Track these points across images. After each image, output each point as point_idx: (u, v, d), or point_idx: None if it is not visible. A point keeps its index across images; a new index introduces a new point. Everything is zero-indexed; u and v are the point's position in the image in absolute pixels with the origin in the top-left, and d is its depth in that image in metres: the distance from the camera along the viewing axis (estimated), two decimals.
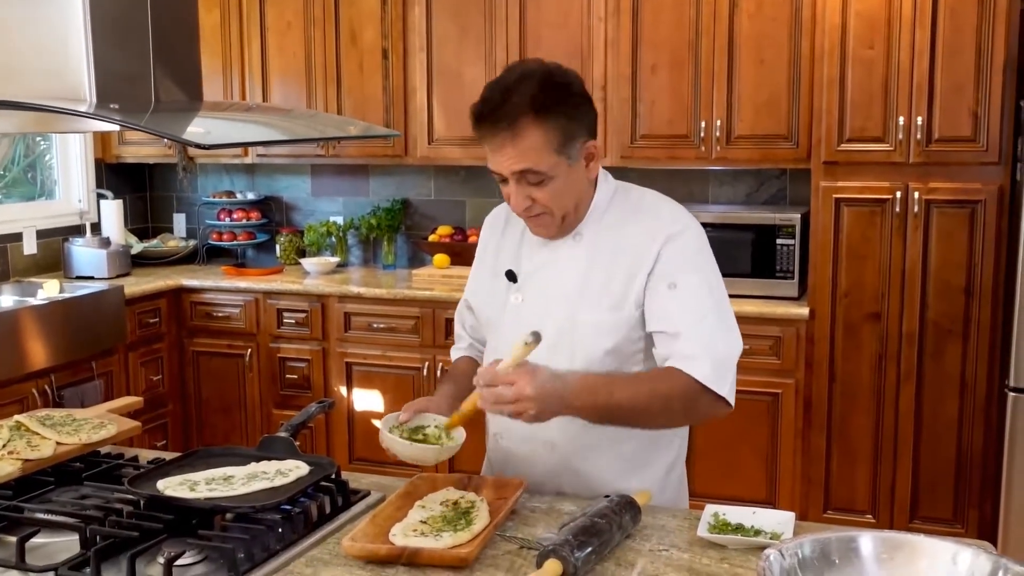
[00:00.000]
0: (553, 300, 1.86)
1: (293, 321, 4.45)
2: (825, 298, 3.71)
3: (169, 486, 1.75)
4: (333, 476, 1.85)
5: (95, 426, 2.09)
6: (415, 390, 4.22)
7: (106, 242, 4.63)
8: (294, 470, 1.84)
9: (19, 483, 1.87)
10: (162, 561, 1.51)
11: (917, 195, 3.57)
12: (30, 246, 4.63)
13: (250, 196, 5.10)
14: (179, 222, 5.33)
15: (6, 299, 4.09)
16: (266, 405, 4.54)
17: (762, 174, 4.28)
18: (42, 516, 1.73)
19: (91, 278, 4.52)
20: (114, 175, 5.12)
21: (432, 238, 4.69)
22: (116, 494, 1.83)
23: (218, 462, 1.89)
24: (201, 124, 1.95)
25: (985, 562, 1.30)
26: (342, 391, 4.38)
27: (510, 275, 1.94)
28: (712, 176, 4.38)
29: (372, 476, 2.01)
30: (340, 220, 4.95)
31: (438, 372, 4.14)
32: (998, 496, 3.51)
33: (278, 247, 4.99)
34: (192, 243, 5.15)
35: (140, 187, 5.33)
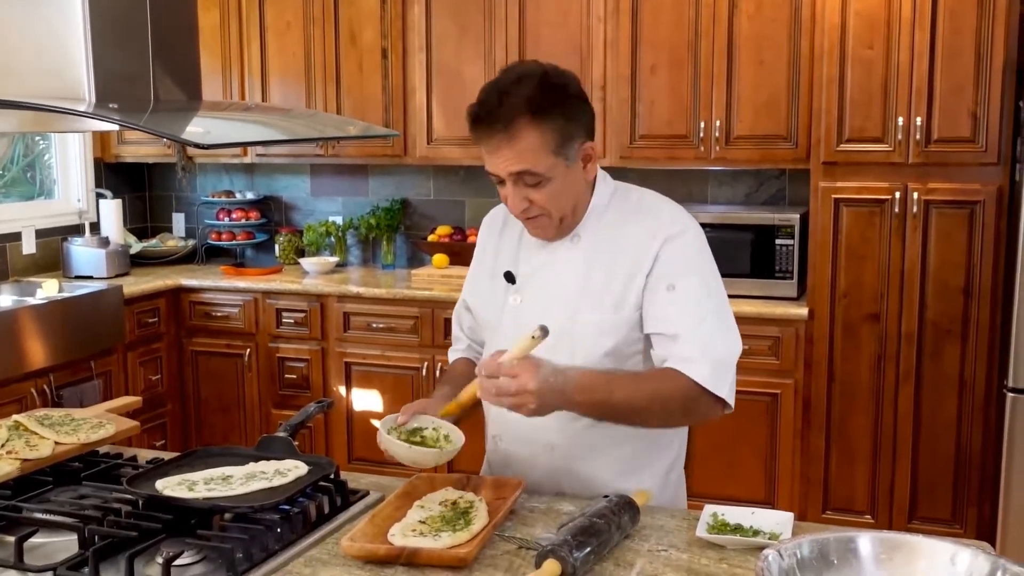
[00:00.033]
0: (552, 301, 1.86)
1: (292, 321, 4.45)
2: (824, 298, 3.71)
3: (168, 486, 1.75)
4: (332, 476, 1.85)
5: (94, 426, 2.09)
6: (414, 390, 4.22)
7: (105, 242, 4.63)
8: (293, 470, 1.83)
9: (18, 483, 1.87)
10: (161, 561, 1.51)
11: (916, 196, 3.57)
12: (29, 246, 4.63)
13: (249, 196, 5.10)
14: (178, 222, 5.33)
15: (5, 299, 4.09)
16: (265, 405, 4.54)
17: (761, 174, 4.28)
18: (41, 516, 1.73)
19: (90, 278, 4.51)
20: (113, 175, 5.12)
21: (431, 238, 4.69)
22: (115, 494, 1.83)
23: (217, 462, 1.89)
24: (200, 124, 1.95)
25: (984, 562, 1.30)
26: (341, 391, 4.38)
27: (508, 277, 1.93)
28: (711, 176, 4.38)
29: (371, 476, 2.01)
30: (339, 220, 4.95)
31: (437, 372, 4.14)
32: (997, 496, 3.51)
33: (277, 247, 4.99)
34: (191, 243, 5.15)
35: (139, 187, 5.33)
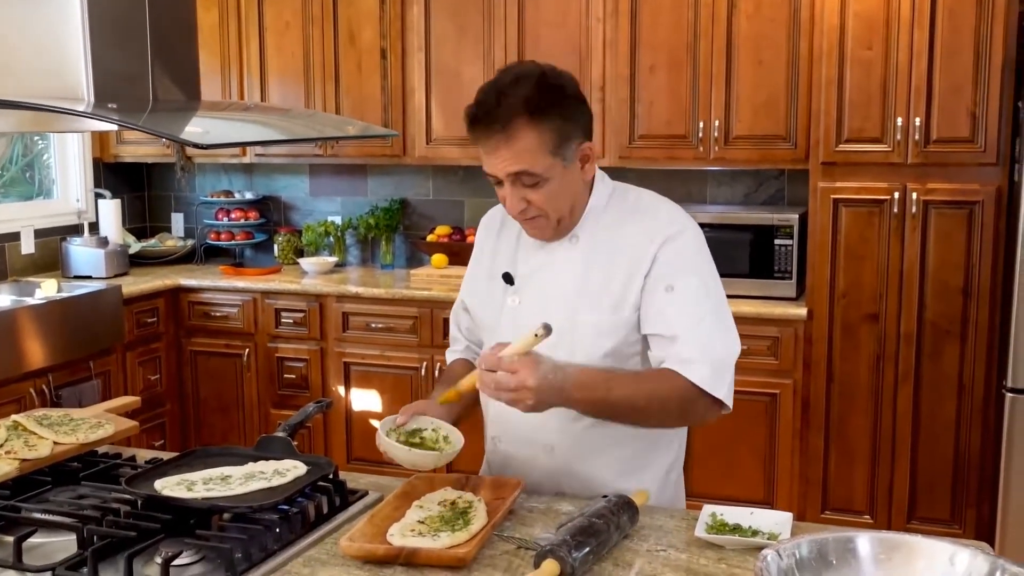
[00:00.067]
0: (551, 302, 1.85)
1: (291, 321, 4.45)
2: (823, 298, 3.71)
3: (167, 486, 1.75)
4: (331, 476, 1.85)
5: (92, 426, 2.09)
6: (413, 390, 4.22)
7: (104, 241, 4.62)
8: (292, 470, 1.83)
9: (16, 483, 1.86)
10: (159, 561, 1.50)
11: (915, 196, 3.57)
12: (28, 245, 4.63)
13: (248, 196, 5.10)
14: (177, 222, 5.33)
15: (4, 299, 4.09)
16: (264, 405, 4.54)
17: (760, 175, 4.29)
18: (39, 516, 1.73)
19: (89, 277, 4.51)
20: (112, 174, 5.12)
21: (430, 238, 4.69)
22: (113, 494, 1.83)
23: (216, 462, 1.89)
24: (199, 124, 1.95)
25: (982, 563, 1.30)
26: (340, 391, 4.38)
27: (507, 278, 1.93)
28: (710, 176, 4.38)
29: (370, 476, 2.00)
30: (338, 220, 4.95)
31: (436, 372, 4.14)
32: (996, 497, 3.51)
33: (276, 247, 4.99)
34: (190, 243, 5.15)
35: (138, 186, 5.33)
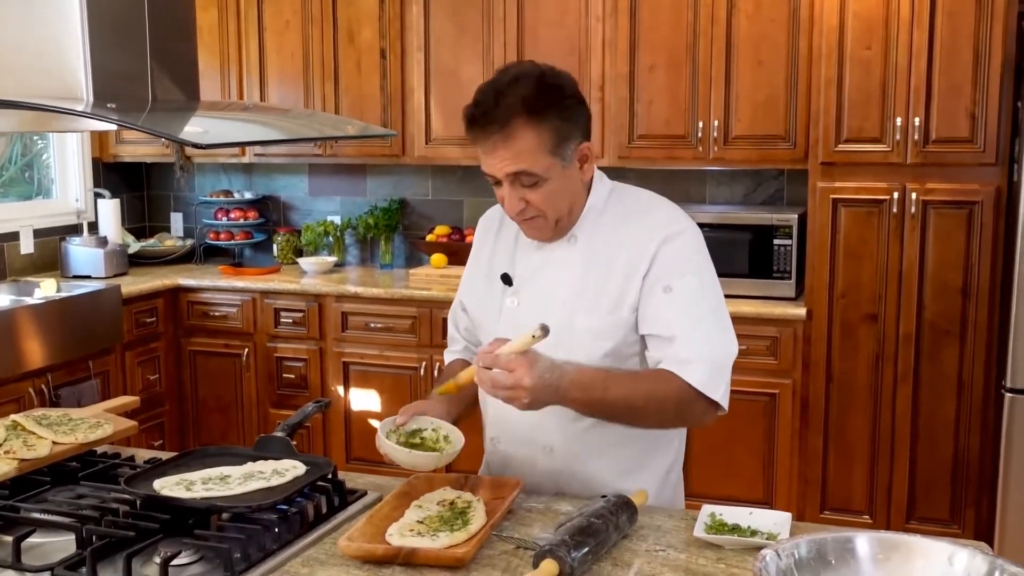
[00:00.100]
0: (550, 304, 1.85)
1: (290, 321, 4.45)
2: (822, 299, 3.71)
3: (165, 486, 1.75)
4: (330, 476, 1.85)
5: (91, 426, 2.09)
6: (412, 390, 4.22)
7: (103, 241, 4.62)
8: (291, 470, 1.83)
9: (15, 482, 1.86)
10: (158, 561, 1.51)
11: (914, 196, 3.57)
12: (27, 245, 4.63)
13: (247, 195, 5.10)
14: (176, 221, 5.33)
15: (3, 298, 4.09)
16: (263, 405, 4.53)
17: (759, 174, 4.28)
18: (38, 516, 1.73)
19: (88, 277, 4.51)
20: (111, 174, 5.11)
21: (429, 238, 4.69)
22: (112, 494, 1.83)
23: (214, 462, 1.88)
24: (198, 123, 1.95)
25: (981, 563, 1.30)
26: (339, 391, 4.38)
27: (505, 279, 1.93)
28: (709, 176, 4.38)
29: (369, 476, 2.00)
30: (337, 220, 4.95)
31: (435, 372, 4.14)
32: (995, 497, 3.51)
33: (275, 246, 4.99)
34: (189, 242, 5.15)
35: (137, 186, 5.32)
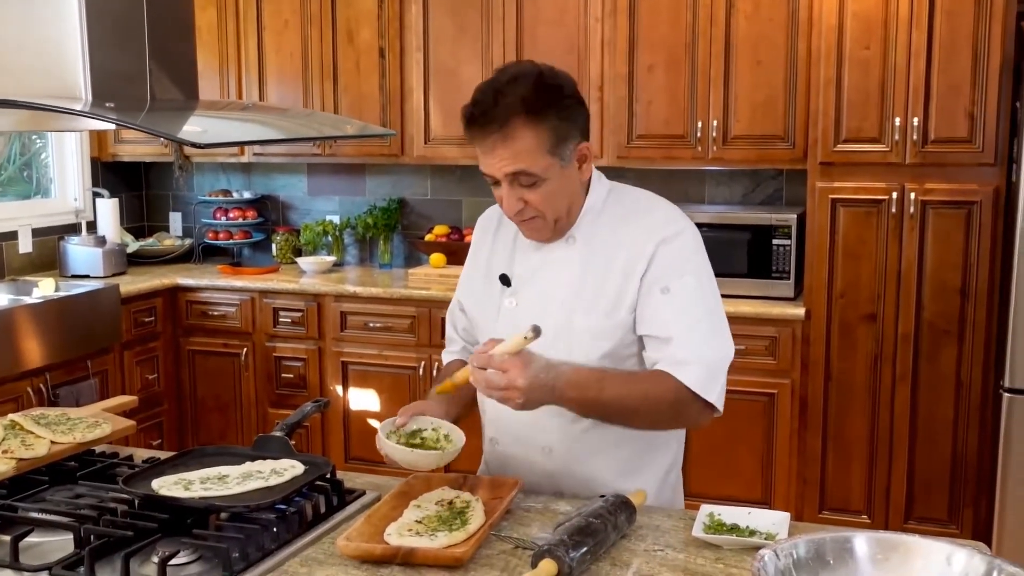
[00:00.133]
0: (548, 304, 1.85)
1: (289, 320, 4.45)
2: (821, 299, 3.71)
3: (164, 485, 1.74)
4: (328, 475, 1.85)
5: (90, 425, 2.09)
6: (411, 389, 4.22)
7: (102, 241, 4.62)
8: (289, 469, 1.83)
9: (13, 482, 1.86)
10: (156, 561, 1.50)
11: (913, 196, 3.57)
12: (25, 244, 4.62)
13: (246, 195, 5.09)
14: (175, 221, 5.33)
15: (1, 298, 4.08)
16: (262, 404, 4.53)
17: (758, 174, 4.29)
18: (36, 515, 1.72)
19: (87, 277, 4.51)
20: (110, 173, 5.11)
21: (428, 237, 4.68)
22: (110, 493, 1.83)
23: (213, 461, 1.88)
24: (197, 123, 1.95)
25: (980, 563, 1.30)
26: (338, 390, 4.38)
27: (504, 279, 1.92)
28: (708, 176, 4.38)
29: (367, 476, 2.00)
30: (336, 219, 4.95)
31: (434, 371, 4.13)
32: (993, 497, 3.51)
33: (274, 246, 4.99)
34: (188, 242, 5.14)
35: (136, 186, 5.32)
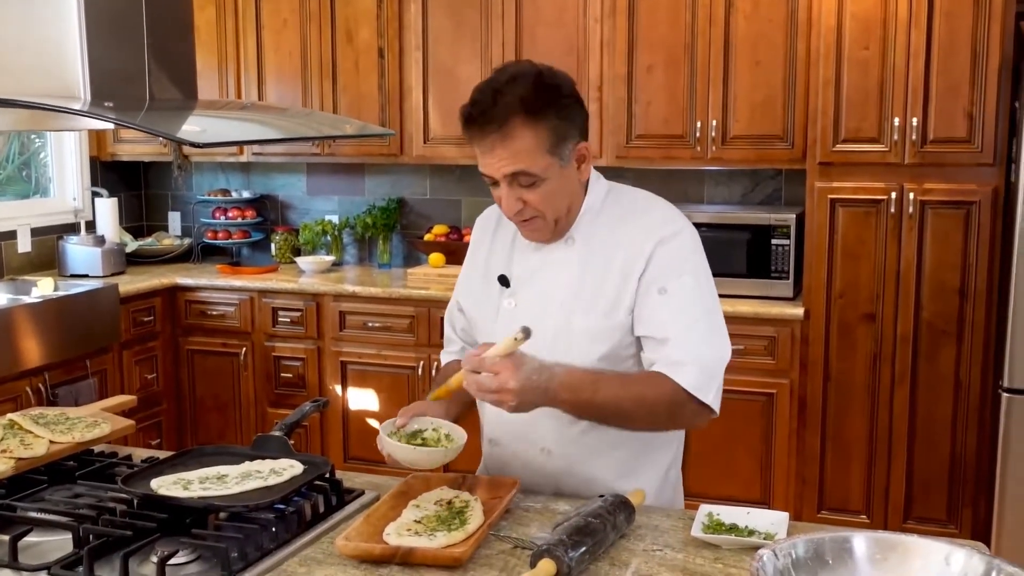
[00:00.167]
0: (547, 305, 1.85)
1: (288, 320, 4.44)
2: (820, 298, 3.71)
3: (163, 485, 1.74)
4: (327, 475, 1.85)
5: (88, 425, 2.09)
6: (410, 389, 4.22)
7: (101, 240, 4.62)
8: (288, 469, 1.83)
9: (12, 482, 1.86)
10: (155, 560, 1.50)
11: (912, 196, 3.57)
12: (24, 244, 4.62)
13: (245, 195, 5.09)
14: (174, 220, 5.32)
15: (0, 297, 4.08)
16: (261, 404, 4.53)
17: (757, 174, 4.29)
18: (35, 515, 1.72)
19: (85, 276, 4.50)
20: (109, 173, 5.11)
21: (427, 237, 4.68)
22: (109, 493, 1.83)
23: (212, 461, 1.88)
24: (196, 122, 1.95)
25: (978, 563, 1.31)
26: (337, 390, 4.38)
27: (502, 280, 1.92)
28: (708, 176, 4.38)
29: (366, 475, 2.00)
30: (335, 219, 4.95)
31: (433, 371, 4.13)
32: (992, 497, 3.51)
33: (273, 246, 4.99)
34: (187, 241, 5.14)
35: (135, 185, 5.32)
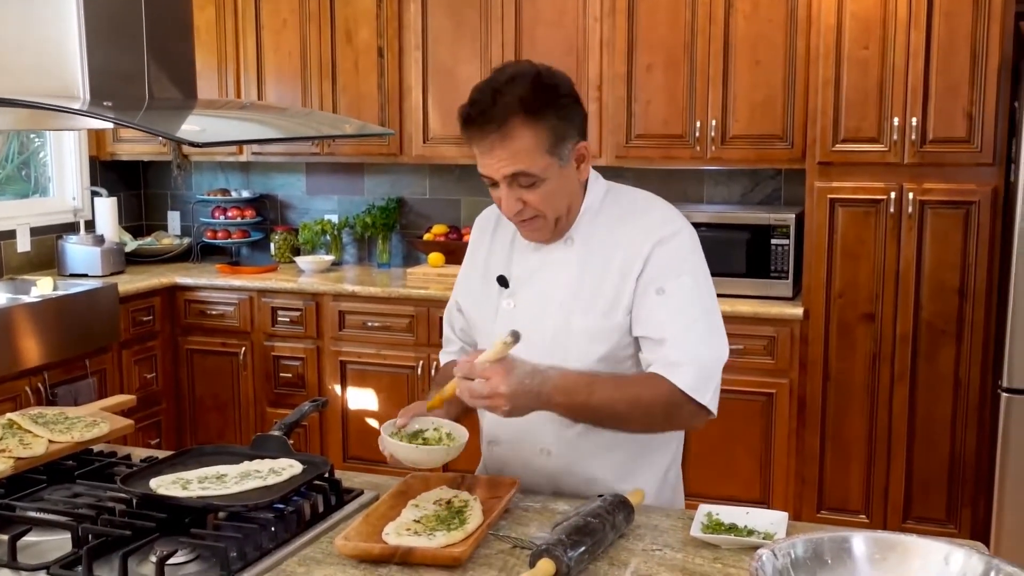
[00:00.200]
0: (547, 305, 1.84)
1: (287, 319, 4.44)
2: (819, 298, 3.71)
3: (162, 485, 1.74)
4: (326, 475, 1.85)
5: (88, 424, 2.09)
6: (409, 389, 4.22)
7: (100, 240, 4.62)
8: (287, 469, 1.83)
9: (11, 481, 1.86)
10: (154, 560, 1.50)
11: (911, 196, 3.57)
12: (24, 243, 4.62)
13: (245, 194, 5.09)
14: (173, 220, 5.32)
15: (0, 297, 4.09)
16: (260, 403, 4.53)
17: (757, 174, 4.29)
18: (34, 514, 1.72)
19: (85, 276, 4.50)
20: (108, 172, 5.11)
21: (427, 237, 4.68)
22: (108, 492, 1.83)
23: (211, 460, 1.88)
24: (195, 122, 1.95)
25: (977, 563, 1.31)
26: (336, 390, 4.38)
27: (501, 280, 1.92)
28: (707, 176, 4.38)
29: (365, 475, 2.00)
30: (335, 218, 4.95)
31: (432, 371, 4.13)
32: (991, 496, 3.51)
33: (273, 245, 4.98)
34: (186, 241, 5.14)
35: (134, 184, 5.32)
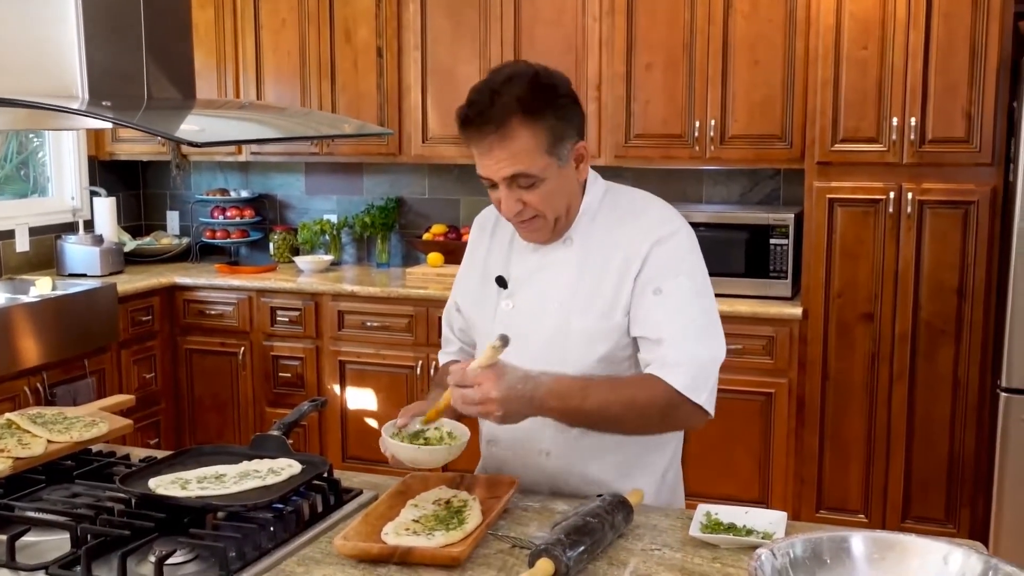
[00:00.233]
0: (546, 306, 1.84)
1: (286, 319, 4.44)
2: (818, 298, 3.72)
3: (161, 484, 1.74)
4: (325, 475, 1.85)
5: (86, 424, 2.09)
6: (408, 389, 4.22)
7: (99, 239, 4.62)
8: (286, 469, 1.83)
9: (9, 481, 1.86)
10: (153, 560, 1.50)
11: (910, 196, 3.58)
12: (22, 243, 4.62)
13: (244, 194, 5.09)
14: (172, 220, 5.32)
15: None
16: (259, 403, 4.53)
17: (756, 174, 4.29)
18: (33, 514, 1.72)
19: (84, 276, 4.50)
20: (107, 172, 5.11)
21: (426, 237, 4.68)
22: (107, 492, 1.83)
23: (210, 460, 1.88)
24: (194, 122, 1.95)
25: (976, 562, 1.31)
26: (335, 389, 4.38)
27: (500, 281, 1.91)
28: (706, 176, 4.38)
29: (364, 475, 2.00)
30: (334, 218, 4.94)
31: (431, 371, 4.13)
32: (990, 496, 3.52)
33: (272, 245, 4.98)
34: (185, 241, 5.14)
35: (133, 184, 5.32)
